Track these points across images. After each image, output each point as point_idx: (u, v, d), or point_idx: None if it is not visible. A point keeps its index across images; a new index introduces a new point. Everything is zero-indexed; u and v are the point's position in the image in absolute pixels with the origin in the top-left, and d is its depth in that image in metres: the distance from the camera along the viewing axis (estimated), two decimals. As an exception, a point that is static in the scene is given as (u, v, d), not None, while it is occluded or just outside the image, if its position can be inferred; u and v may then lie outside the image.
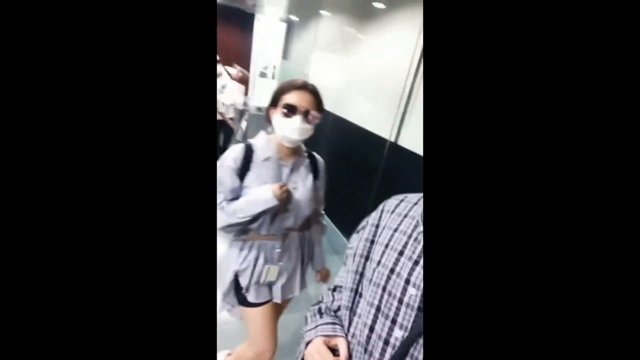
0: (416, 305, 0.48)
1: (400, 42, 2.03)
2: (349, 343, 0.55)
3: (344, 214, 2.51)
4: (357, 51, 2.60)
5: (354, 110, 2.55)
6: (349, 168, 2.57)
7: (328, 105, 2.84)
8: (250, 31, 4.55)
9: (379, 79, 2.27)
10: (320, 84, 1.06)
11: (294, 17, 3.99)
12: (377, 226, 0.60)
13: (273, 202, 0.91)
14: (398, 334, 0.48)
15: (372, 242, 0.59)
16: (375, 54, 2.36)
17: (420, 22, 1.83)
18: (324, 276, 1.22)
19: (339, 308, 0.60)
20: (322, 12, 3.18)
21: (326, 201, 1.16)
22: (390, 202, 0.62)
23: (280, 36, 4.24)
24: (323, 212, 1.18)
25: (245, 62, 4.68)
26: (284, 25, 4.22)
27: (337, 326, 0.57)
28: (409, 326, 0.48)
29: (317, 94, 0.95)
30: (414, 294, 0.48)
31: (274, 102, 0.95)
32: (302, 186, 1.00)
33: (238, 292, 1.03)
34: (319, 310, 0.63)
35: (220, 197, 0.95)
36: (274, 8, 4.07)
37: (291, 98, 0.91)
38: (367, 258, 0.58)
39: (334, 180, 2.85)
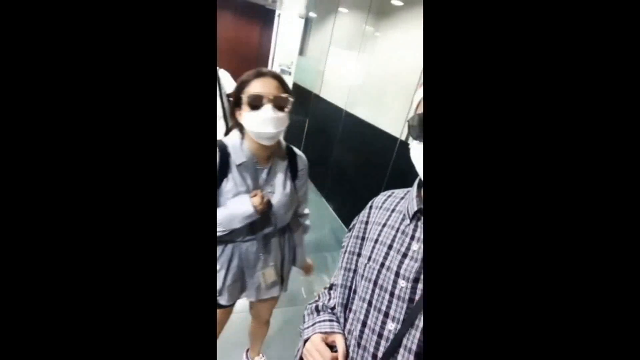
0: (407, 297, 0.48)
1: (417, 40, 2.01)
2: (346, 339, 0.55)
3: (352, 212, 2.51)
4: (373, 49, 2.59)
5: (366, 108, 2.54)
6: (359, 165, 2.57)
7: (341, 102, 2.84)
8: (270, 27, 4.59)
9: (393, 77, 2.26)
10: (334, 80, 1.05)
11: (312, 14, 4.00)
12: (367, 222, 0.61)
13: (253, 216, 0.87)
14: (391, 326, 0.49)
15: (363, 238, 0.60)
16: (391, 52, 2.33)
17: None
18: (308, 269, 1.19)
19: (335, 306, 0.61)
20: (341, 9, 3.18)
21: (335, 199, 1.13)
22: (378, 199, 0.63)
23: (298, 32, 4.25)
24: (307, 211, 1.12)
25: (264, 59, 4.73)
26: (302, 22, 4.23)
27: (335, 323, 0.58)
28: (401, 318, 0.48)
29: (279, 77, 0.87)
30: (404, 286, 0.49)
31: (237, 101, 0.86)
32: (281, 191, 0.94)
33: None
34: (316, 308, 0.63)
35: None
36: (294, 4, 4.10)
37: (254, 88, 0.83)
38: (358, 254, 0.59)
39: (343, 178, 2.84)
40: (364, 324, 0.53)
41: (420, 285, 0.48)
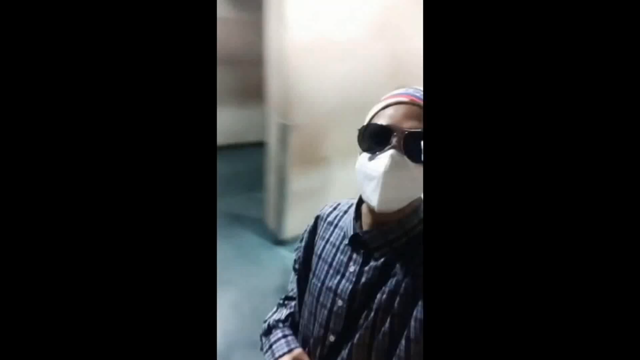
0: (344, 315, 0.52)
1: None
2: (304, 351, 0.58)
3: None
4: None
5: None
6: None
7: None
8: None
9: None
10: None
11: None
12: (314, 234, 0.63)
13: None
14: (331, 338, 0.53)
15: (311, 251, 0.62)
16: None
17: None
18: None
19: (287, 317, 0.64)
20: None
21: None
22: (325, 209, 0.63)
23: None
24: None
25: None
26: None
27: (289, 337, 0.60)
28: (339, 331, 0.52)
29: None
30: (341, 305, 0.52)
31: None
32: None
33: None
34: (268, 326, 0.64)
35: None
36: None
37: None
38: (306, 266, 0.62)
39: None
40: (310, 333, 0.57)
41: (355, 302, 0.51)
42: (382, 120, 0.46)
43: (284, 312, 0.65)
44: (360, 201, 0.56)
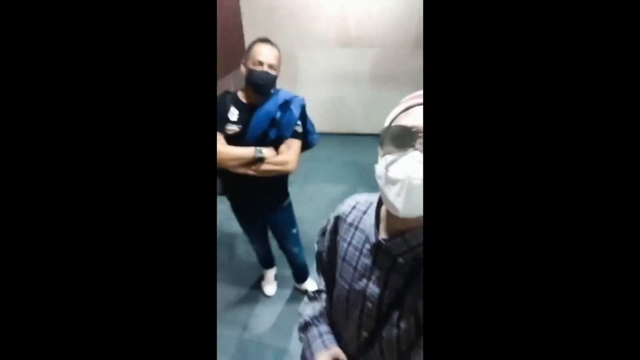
0: (374, 316, 0.53)
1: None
2: (340, 346, 0.61)
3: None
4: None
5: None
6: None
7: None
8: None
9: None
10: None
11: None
12: (336, 233, 0.63)
13: None
14: (364, 334, 0.56)
15: (335, 250, 0.63)
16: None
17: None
18: None
19: (320, 312, 0.66)
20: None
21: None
22: (344, 209, 0.62)
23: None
24: None
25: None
26: None
27: (324, 337, 0.63)
28: (372, 329, 0.55)
29: None
30: (371, 307, 0.53)
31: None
32: None
33: None
34: (305, 323, 0.67)
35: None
36: None
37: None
38: (331, 268, 0.63)
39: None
40: (345, 330, 0.60)
41: (384, 305, 0.52)
42: (405, 121, 0.44)
43: (317, 308, 0.67)
44: (380, 203, 0.55)
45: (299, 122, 1.18)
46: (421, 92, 0.45)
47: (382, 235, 0.52)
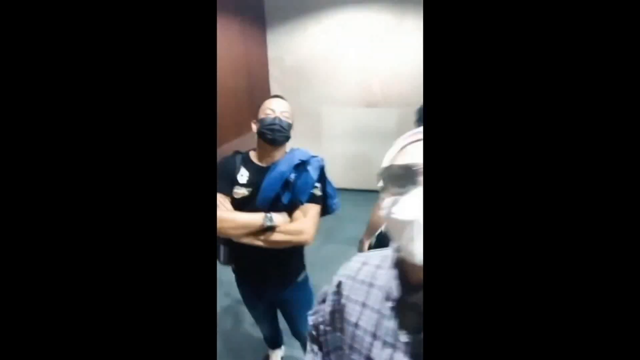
0: None
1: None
2: None
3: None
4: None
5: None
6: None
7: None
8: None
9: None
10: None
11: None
12: (340, 294, 0.52)
13: None
14: None
15: (340, 315, 0.51)
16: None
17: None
18: None
19: None
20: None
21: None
22: (351, 266, 0.55)
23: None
24: None
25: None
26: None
27: None
28: None
29: None
30: None
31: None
32: None
33: None
34: None
35: None
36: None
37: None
38: (335, 341, 0.52)
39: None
40: None
41: None
42: (404, 160, 0.42)
43: None
44: (397, 249, 0.48)
45: (317, 185, 1.02)
46: (416, 130, 0.45)
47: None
